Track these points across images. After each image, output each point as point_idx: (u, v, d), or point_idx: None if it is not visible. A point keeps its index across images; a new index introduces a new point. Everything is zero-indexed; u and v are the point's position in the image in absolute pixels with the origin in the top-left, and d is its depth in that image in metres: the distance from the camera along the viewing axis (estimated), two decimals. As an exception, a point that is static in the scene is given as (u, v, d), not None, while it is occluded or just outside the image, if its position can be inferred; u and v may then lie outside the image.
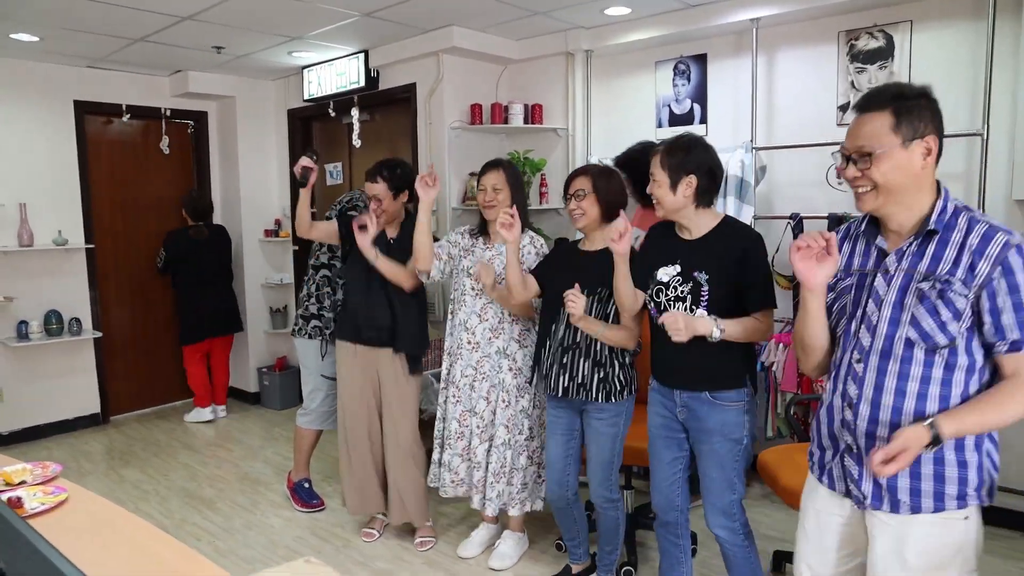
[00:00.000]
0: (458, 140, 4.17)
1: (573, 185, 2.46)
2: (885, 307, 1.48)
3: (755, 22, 3.39)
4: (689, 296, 2.07)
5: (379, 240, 2.92)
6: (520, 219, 2.57)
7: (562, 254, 2.61)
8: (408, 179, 2.95)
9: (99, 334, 4.76)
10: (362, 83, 4.38)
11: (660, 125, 3.89)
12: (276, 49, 4.29)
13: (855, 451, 1.53)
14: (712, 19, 3.49)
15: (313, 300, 3.41)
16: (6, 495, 1.62)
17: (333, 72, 4.57)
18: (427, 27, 3.90)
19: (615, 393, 2.41)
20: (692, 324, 1.97)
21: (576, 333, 2.43)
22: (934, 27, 3.06)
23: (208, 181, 5.32)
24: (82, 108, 4.65)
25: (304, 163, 2.98)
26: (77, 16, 3.52)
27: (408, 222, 3.00)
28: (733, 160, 3.39)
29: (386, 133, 4.68)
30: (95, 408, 4.87)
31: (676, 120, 3.83)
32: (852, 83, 3.28)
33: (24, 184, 4.43)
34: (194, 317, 4.84)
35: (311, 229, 3.12)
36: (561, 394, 2.47)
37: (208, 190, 5.31)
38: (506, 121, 4.14)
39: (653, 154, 2.12)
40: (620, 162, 3.10)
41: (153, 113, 4.99)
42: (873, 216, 1.54)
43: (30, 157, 4.46)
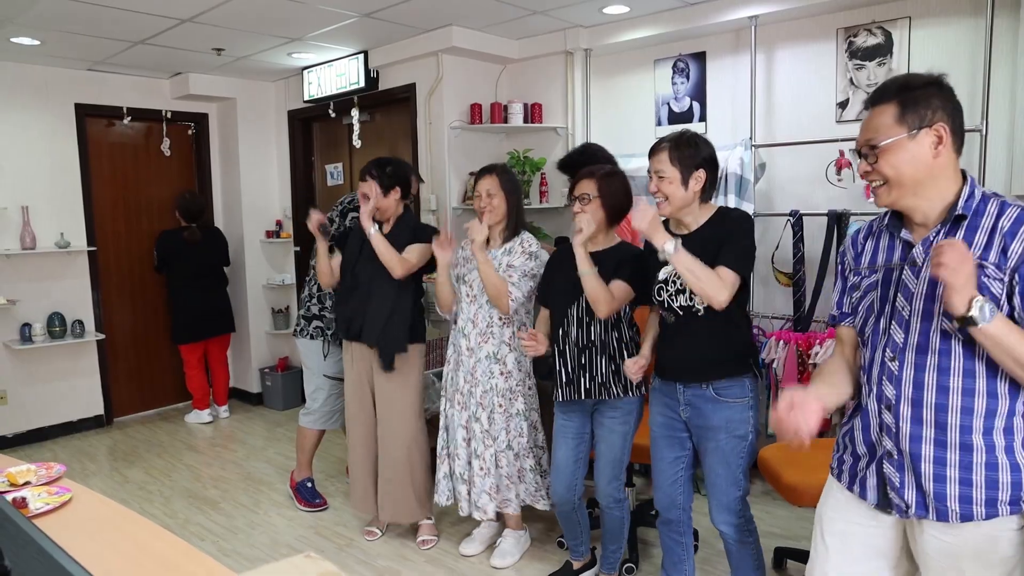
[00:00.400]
0: (458, 140, 4.18)
1: (578, 188, 2.42)
2: (916, 300, 1.40)
3: (753, 19, 3.39)
4: (688, 288, 2.07)
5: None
6: (515, 224, 2.70)
7: (563, 257, 2.60)
8: (400, 176, 2.94)
9: (102, 336, 4.77)
10: (362, 84, 4.39)
11: (659, 123, 3.90)
12: (276, 50, 4.30)
13: (895, 457, 1.43)
14: (710, 17, 3.49)
15: (315, 301, 3.42)
16: (11, 496, 1.63)
17: (333, 73, 4.58)
18: (426, 27, 3.91)
19: (631, 387, 2.41)
20: (656, 224, 1.98)
21: (590, 332, 2.43)
22: (933, 23, 3.06)
23: (209, 183, 5.34)
24: (83, 111, 4.67)
25: (318, 218, 2.99)
26: (77, 19, 3.53)
27: (404, 218, 3.00)
28: (732, 157, 3.39)
29: (386, 133, 4.69)
30: (99, 410, 4.89)
31: (675, 118, 3.83)
32: (851, 80, 3.28)
33: (26, 187, 4.45)
34: (186, 318, 4.85)
35: (333, 272, 3.07)
36: (584, 396, 2.44)
37: (208, 191, 5.33)
38: (506, 120, 4.15)
39: (657, 151, 2.10)
40: (562, 164, 3.06)
41: (154, 115, 5.00)
42: (895, 209, 1.48)
43: (32, 160, 4.48)
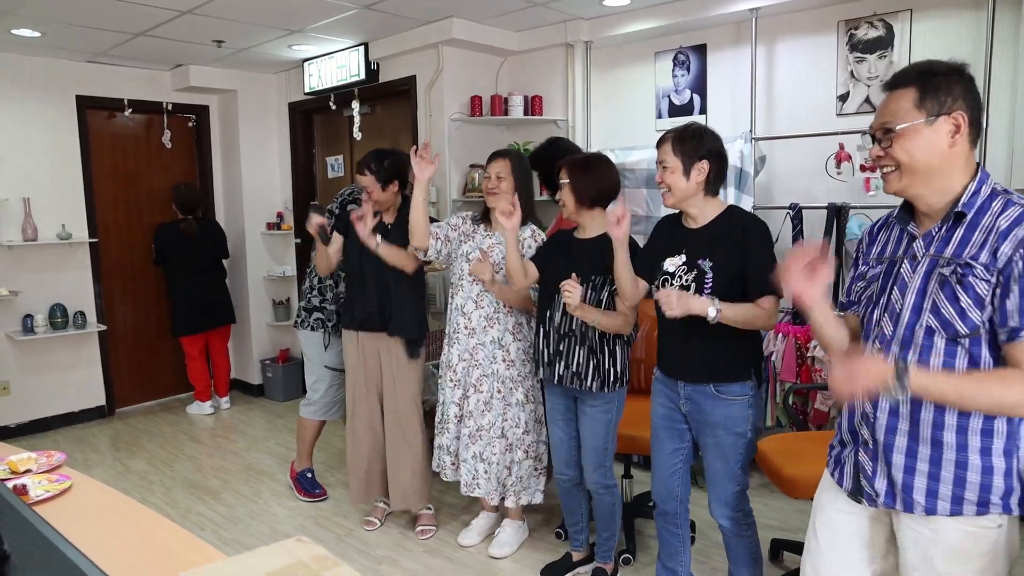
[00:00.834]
0: (458, 132, 4.18)
1: (560, 176, 2.47)
2: (909, 294, 1.40)
3: (754, 12, 3.38)
4: (693, 284, 2.07)
5: (376, 226, 2.94)
6: (524, 211, 2.61)
7: (558, 242, 2.62)
8: (398, 168, 2.95)
9: (104, 327, 4.79)
10: (362, 76, 4.39)
11: (660, 116, 3.89)
12: (276, 42, 4.30)
13: (870, 446, 1.47)
14: (711, 9, 3.48)
15: (315, 292, 3.43)
16: (11, 483, 1.65)
17: (333, 65, 4.58)
18: (427, 19, 3.91)
19: (608, 383, 2.43)
20: (686, 301, 1.97)
21: (572, 321, 2.44)
22: (934, 16, 3.05)
23: (210, 175, 5.35)
24: (84, 103, 4.67)
25: (318, 221, 3.00)
26: (78, 11, 3.53)
27: (405, 207, 3.01)
28: (732, 150, 3.38)
29: (387, 125, 4.69)
30: (100, 400, 4.91)
31: (676, 111, 3.83)
32: (852, 73, 3.27)
33: (28, 179, 4.46)
34: (185, 310, 4.85)
35: (331, 263, 3.12)
36: (557, 381, 2.49)
37: (209, 183, 5.34)
38: (506, 113, 4.15)
39: (663, 141, 2.12)
40: (532, 158, 3.08)
41: (155, 107, 5.01)
42: (908, 202, 1.47)
43: (33, 152, 4.49)
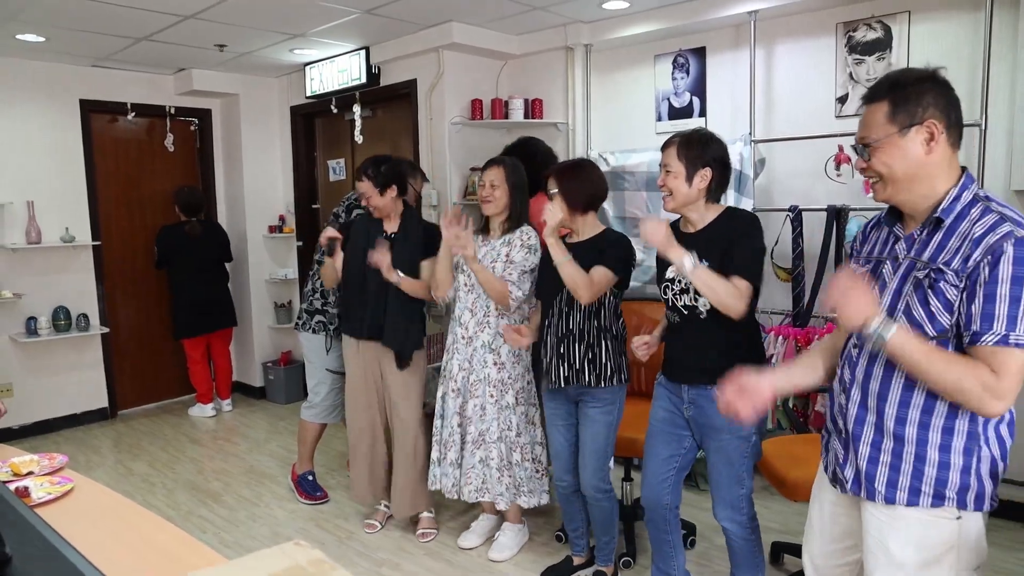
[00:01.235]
0: (459, 135, 4.19)
1: (548, 184, 2.50)
2: (887, 295, 1.44)
3: (753, 15, 3.39)
4: (692, 287, 2.07)
5: (379, 235, 2.96)
6: (517, 218, 2.75)
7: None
8: (395, 174, 2.96)
9: (106, 330, 4.81)
10: (363, 79, 4.41)
11: (660, 119, 3.90)
12: (278, 46, 4.32)
13: (843, 436, 1.53)
14: (710, 12, 3.49)
15: (318, 295, 3.44)
16: (14, 485, 1.66)
17: (335, 69, 4.60)
18: (427, 23, 3.92)
19: (605, 377, 2.43)
20: (668, 240, 1.95)
21: (568, 320, 2.46)
22: (932, 18, 3.05)
23: (212, 178, 5.37)
24: (87, 107, 4.70)
25: (330, 234, 3.02)
26: (82, 16, 3.56)
27: (408, 216, 3.03)
28: (732, 153, 3.35)
29: (388, 129, 4.70)
30: (103, 403, 4.93)
31: (675, 113, 3.84)
32: (850, 75, 3.28)
33: (32, 182, 4.48)
34: (187, 313, 4.86)
35: (337, 275, 3.12)
36: (563, 384, 2.48)
37: (212, 187, 5.36)
38: (507, 116, 4.16)
39: (668, 146, 2.13)
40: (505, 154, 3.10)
41: (158, 111, 5.03)
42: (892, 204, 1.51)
43: (37, 156, 4.52)
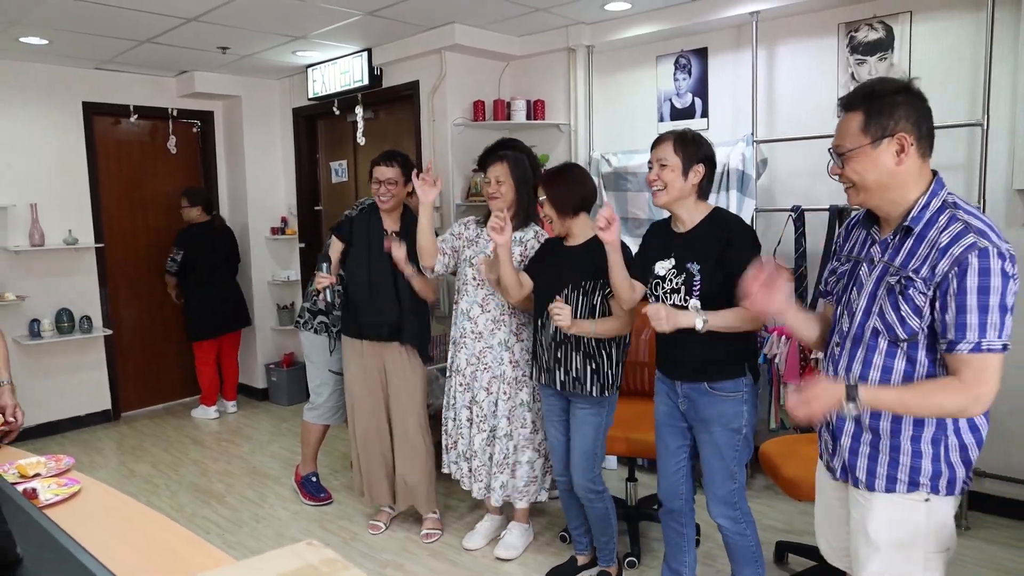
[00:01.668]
0: (461, 137, 4.20)
1: (540, 192, 2.53)
2: (863, 296, 1.53)
3: (755, 15, 3.40)
4: (683, 287, 2.11)
5: (380, 234, 2.97)
6: (525, 213, 2.68)
7: (548, 250, 2.64)
8: (411, 168, 3.00)
9: (109, 332, 4.82)
10: (366, 81, 4.41)
11: (662, 119, 3.91)
12: (280, 49, 4.33)
13: (831, 427, 1.65)
14: (712, 13, 3.50)
15: (321, 296, 3.44)
16: (21, 487, 1.66)
17: (337, 71, 4.61)
18: (429, 25, 3.93)
19: (608, 386, 2.46)
20: (674, 317, 2.02)
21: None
22: (934, 18, 3.06)
23: (215, 180, 5.38)
24: (90, 109, 4.71)
25: (323, 283, 2.91)
26: (85, 19, 3.57)
27: (407, 214, 3.04)
28: (734, 153, 3.41)
29: (390, 130, 4.71)
30: (106, 405, 4.94)
31: (678, 114, 3.84)
32: (852, 75, 3.28)
33: (35, 185, 4.49)
34: (206, 313, 4.85)
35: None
36: (559, 388, 2.51)
37: (214, 189, 5.36)
38: (509, 117, 4.16)
39: (661, 141, 2.15)
40: (480, 161, 3.07)
41: (160, 113, 5.04)
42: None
43: (40, 158, 4.53)
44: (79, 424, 4.80)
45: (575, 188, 2.47)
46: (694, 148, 2.12)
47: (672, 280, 2.14)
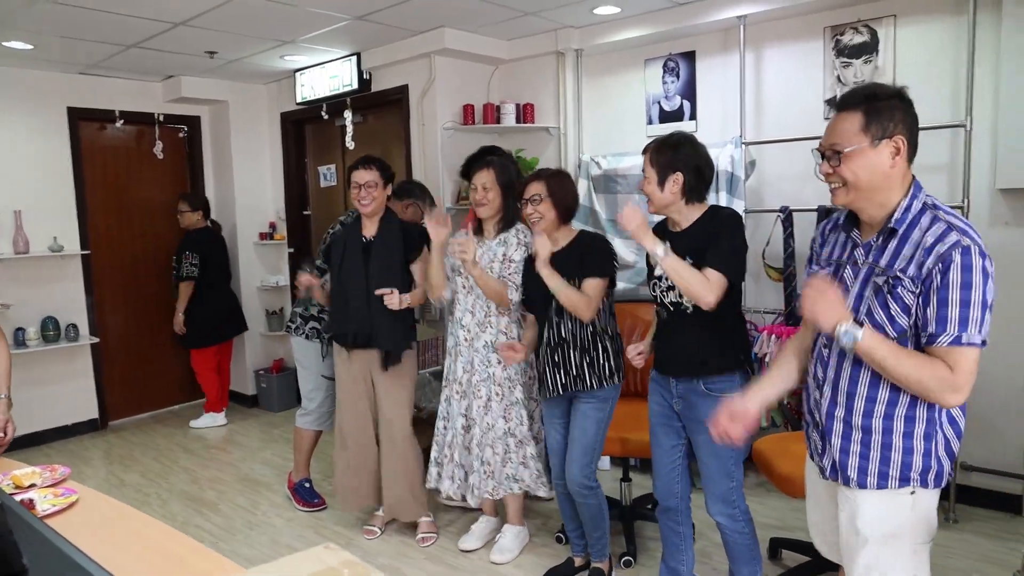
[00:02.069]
0: (451, 140, 4.21)
1: (528, 190, 2.54)
2: (850, 298, 1.54)
3: (742, 19, 3.44)
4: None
5: (357, 240, 2.97)
6: (510, 215, 2.77)
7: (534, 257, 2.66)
8: (391, 173, 3.01)
9: (96, 340, 4.77)
10: (355, 85, 4.41)
11: (650, 122, 3.94)
12: (268, 53, 4.31)
13: (820, 427, 1.66)
14: (700, 17, 3.53)
15: (314, 302, 3.43)
16: (18, 498, 1.65)
17: (325, 75, 4.60)
18: (418, 29, 3.93)
19: (606, 377, 2.48)
20: (644, 228, 2.07)
21: (560, 329, 2.50)
22: (917, 21, 3.11)
23: (202, 185, 5.34)
24: (76, 114, 4.66)
25: (305, 283, 3.06)
26: (70, 23, 3.53)
27: (387, 220, 3.01)
28: (723, 155, 3.44)
29: (379, 134, 4.71)
30: (94, 413, 4.88)
31: (666, 117, 3.87)
32: (838, 77, 3.33)
33: (19, 191, 4.44)
34: (210, 319, 4.77)
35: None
36: (560, 392, 2.52)
37: (202, 194, 5.32)
38: (498, 121, 4.18)
39: (644, 151, 2.20)
40: (464, 168, 3.08)
41: (146, 118, 5.00)
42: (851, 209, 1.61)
43: (24, 164, 4.47)
44: (66, 434, 4.74)
45: (573, 191, 2.57)
46: (669, 157, 2.12)
47: (668, 279, 2.16)
